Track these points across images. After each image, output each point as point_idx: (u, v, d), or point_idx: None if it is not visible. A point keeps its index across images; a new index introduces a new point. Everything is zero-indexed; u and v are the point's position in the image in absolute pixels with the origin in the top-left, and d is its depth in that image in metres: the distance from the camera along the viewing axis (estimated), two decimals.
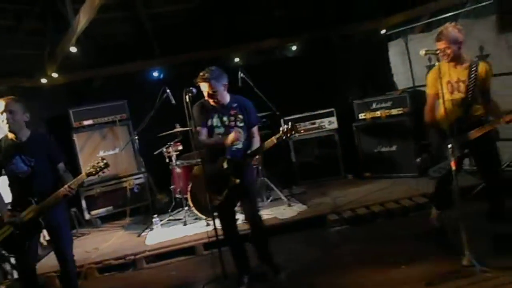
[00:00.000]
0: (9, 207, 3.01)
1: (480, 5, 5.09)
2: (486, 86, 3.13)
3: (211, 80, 2.97)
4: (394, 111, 5.33)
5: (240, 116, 3.11)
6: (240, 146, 3.10)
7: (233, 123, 3.08)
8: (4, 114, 2.89)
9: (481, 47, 4.95)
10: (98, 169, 2.93)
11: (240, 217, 3.47)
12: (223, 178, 3.03)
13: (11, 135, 2.99)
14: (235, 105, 3.11)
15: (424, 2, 5.81)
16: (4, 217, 2.93)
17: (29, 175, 2.96)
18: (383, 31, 6.40)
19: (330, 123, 5.80)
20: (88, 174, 2.94)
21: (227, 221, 3.21)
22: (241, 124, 3.11)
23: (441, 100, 3.18)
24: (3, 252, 3.17)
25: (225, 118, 3.09)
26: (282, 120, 5.82)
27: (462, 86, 3.13)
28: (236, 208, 3.33)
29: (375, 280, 3.00)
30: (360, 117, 5.64)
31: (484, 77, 3.10)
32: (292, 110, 5.83)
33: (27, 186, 2.95)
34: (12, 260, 4.26)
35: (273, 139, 3.00)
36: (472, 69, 3.08)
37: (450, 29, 3.07)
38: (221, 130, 3.09)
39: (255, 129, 3.23)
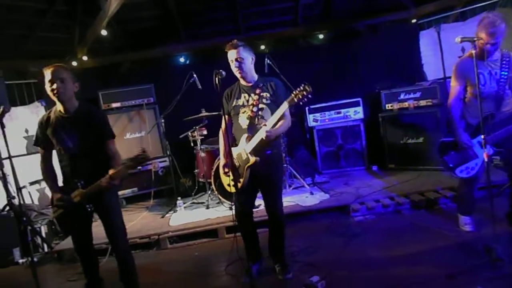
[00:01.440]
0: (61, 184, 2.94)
1: None
2: None
3: (240, 47, 2.92)
4: (423, 102, 5.21)
5: (266, 94, 2.98)
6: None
7: (257, 102, 2.93)
8: (55, 83, 2.68)
9: None
10: (138, 162, 2.67)
11: (260, 203, 3.41)
12: (244, 158, 2.96)
13: (60, 107, 2.81)
14: (261, 84, 3.00)
15: None
16: (54, 197, 2.88)
17: (75, 153, 2.79)
18: (414, 20, 6.24)
19: (355, 112, 5.73)
20: (128, 167, 2.69)
21: (243, 207, 3.10)
22: (268, 102, 2.97)
23: (470, 93, 3.12)
24: (58, 228, 3.10)
25: (253, 97, 2.98)
26: (307, 109, 5.81)
27: (494, 78, 3.00)
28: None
29: (396, 271, 2.98)
30: (387, 108, 5.54)
31: None
32: (318, 99, 5.78)
33: (73, 165, 2.82)
34: (43, 234, 4.46)
35: (292, 97, 2.74)
36: (504, 61, 2.95)
37: (500, 20, 2.88)
38: (245, 109, 3.00)
39: (283, 107, 2.90)
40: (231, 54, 2.94)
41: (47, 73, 2.72)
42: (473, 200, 3.41)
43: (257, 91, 2.96)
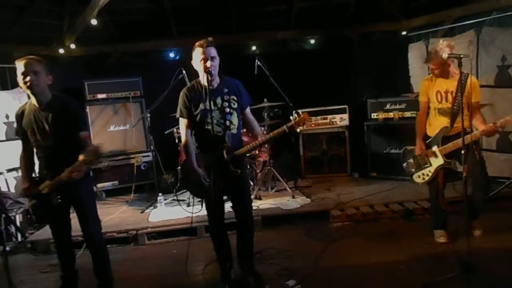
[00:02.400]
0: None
1: (505, 14, 5.02)
2: (472, 98, 3.24)
3: (213, 48, 2.75)
4: (407, 114, 5.30)
5: (234, 98, 2.87)
6: (234, 131, 2.87)
7: (227, 107, 2.82)
8: (28, 76, 2.66)
9: (503, 57, 4.88)
10: (94, 157, 2.62)
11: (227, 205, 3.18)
12: (220, 168, 2.78)
13: (33, 100, 2.79)
14: (226, 89, 2.85)
15: (448, 7, 5.74)
16: (23, 187, 2.88)
17: (49, 145, 2.78)
18: (404, 32, 6.34)
19: (341, 119, 5.79)
20: (84, 162, 2.59)
21: (216, 212, 2.96)
22: (235, 106, 2.87)
23: (431, 108, 3.45)
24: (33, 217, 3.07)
25: (218, 100, 2.82)
26: (294, 112, 5.82)
27: (449, 97, 3.30)
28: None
29: (374, 278, 3.02)
30: (372, 117, 5.61)
31: (470, 90, 3.20)
32: (305, 103, 5.81)
33: (47, 157, 2.82)
34: (18, 223, 4.36)
35: (285, 127, 2.74)
36: (462, 81, 3.14)
37: (438, 50, 3.17)
38: (217, 113, 2.80)
39: (249, 110, 3.00)
40: (208, 51, 2.72)
41: (20, 65, 2.68)
42: (442, 213, 3.51)
43: (225, 93, 2.84)
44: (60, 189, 2.76)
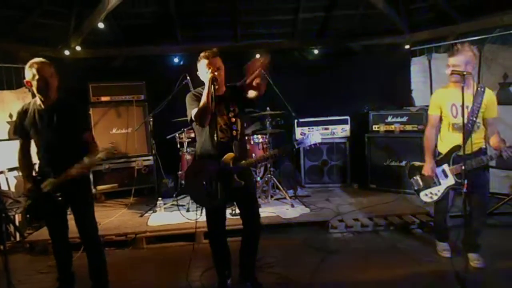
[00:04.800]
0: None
1: (508, 32, 5.08)
2: (490, 114, 3.07)
3: (219, 58, 2.79)
4: (408, 127, 5.33)
5: (237, 105, 2.91)
6: (239, 138, 2.90)
7: (232, 113, 2.87)
8: (40, 80, 2.75)
9: (505, 75, 4.93)
10: (109, 154, 2.79)
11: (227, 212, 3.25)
12: (225, 177, 2.78)
13: (39, 100, 2.86)
14: (230, 97, 2.89)
15: (452, 23, 5.81)
16: (25, 187, 2.92)
17: (51, 144, 2.83)
18: (407, 46, 6.40)
19: (343, 130, 5.82)
20: (95, 160, 2.77)
21: (218, 221, 2.99)
22: (237, 112, 2.90)
23: (444, 123, 3.21)
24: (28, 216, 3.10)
25: (222, 107, 2.85)
26: (295, 121, 5.87)
27: (466, 111, 2.99)
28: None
29: None
30: (373, 128, 5.64)
31: (488, 104, 3.03)
32: (307, 113, 5.87)
33: (49, 156, 2.87)
34: (17, 223, 4.36)
35: (272, 153, 2.96)
36: (478, 94, 2.98)
37: (467, 48, 3.00)
38: (221, 120, 2.83)
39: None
40: (214, 62, 2.77)
41: (32, 70, 2.75)
42: (446, 228, 3.49)
43: (230, 101, 2.88)
44: (61, 188, 2.79)
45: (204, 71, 2.79)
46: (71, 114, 2.87)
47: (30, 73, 2.76)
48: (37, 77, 2.73)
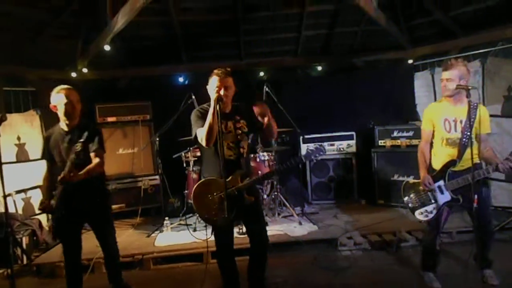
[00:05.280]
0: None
1: (510, 45, 5.10)
2: (482, 130, 3.00)
3: (231, 77, 2.86)
4: (414, 141, 5.31)
5: (244, 122, 2.95)
6: (245, 155, 2.95)
7: (239, 131, 2.92)
8: (69, 105, 2.98)
9: (509, 87, 4.93)
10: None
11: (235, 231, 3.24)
12: (234, 195, 2.79)
13: (63, 124, 3.07)
14: (237, 116, 2.94)
15: (454, 37, 5.85)
16: (41, 201, 3.05)
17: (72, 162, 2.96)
18: (410, 61, 6.43)
19: (348, 146, 5.82)
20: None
21: (226, 240, 2.97)
22: (246, 131, 2.96)
23: (436, 138, 3.16)
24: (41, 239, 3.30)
25: (230, 124, 2.90)
26: (301, 138, 5.87)
27: (459, 126, 3.03)
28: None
29: None
30: (380, 144, 5.62)
31: (482, 120, 2.98)
32: (312, 129, 5.87)
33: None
34: (24, 245, 4.35)
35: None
36: (472, 109, 2.95)
37: (460, 63, 3.00)
38: (228, 137, 2.87)
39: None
40: (224, 81, 2.82)
41: (61, 95, 2.99)
42: (434, 253, 3.31)
43: (237, 118, 2.93)
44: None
45: (213, 87, 2.83)
46: (89, 135, 2.97)
47: (57, 98, 3.00)
48: (65, 101, 2.98)
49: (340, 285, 3.45)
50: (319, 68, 7.10)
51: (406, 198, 3.33)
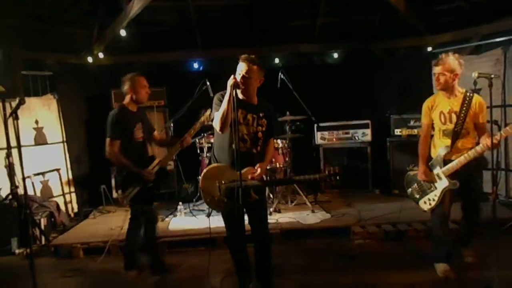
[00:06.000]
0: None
1: None
2: (479, 119, 3.11)
3: (257, 66, 2.75)
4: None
5: (265, 121, 2.88)
6: (256, 153, 2.89)
7: (255, 127, 2.83)
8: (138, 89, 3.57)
9: None
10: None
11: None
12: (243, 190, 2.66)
13: (132, 106, 3.53)
14: (261, 112, 2.86)
15: (476, 24, 5.66)
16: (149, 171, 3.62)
17: (140, 141, 3.59)
18: (429, 49, 6.27)
19: (363, 134, 5.74)
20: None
21: (236, 226, 2.89)
22: (264, 130, 2.87)
23: (435, 130, 3.30)
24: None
25: (249, 116, 2.82)
26: (315, 126, 5.83)
27: (454, 117, 3.13)
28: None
29: None
30: (396, 133, 5.52)
31: (477, 110, 3.08)
32: (327, 117, 5.81)
33: (138, 151, 3.56)
34: (42, 226, 4.46)
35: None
36: (466, 101, 3.06)
37: (451, 58, 3.07)
38: (243, 128, 2.80)
39: (272, 140, 3.06)
40: (244, 68, 2.75)
41: (143, 80, 3.60)
42: (446, 244, 3.27)
43: (261, 114, 2.85)
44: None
45: (237, 72, 2.77)
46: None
47: (142, 83, 3.54)
48: (138, 88, 3.50)
49: (352, 273, 3.44)
50: (335, 55, 6.99)
51: (409, 190, 3.48)
